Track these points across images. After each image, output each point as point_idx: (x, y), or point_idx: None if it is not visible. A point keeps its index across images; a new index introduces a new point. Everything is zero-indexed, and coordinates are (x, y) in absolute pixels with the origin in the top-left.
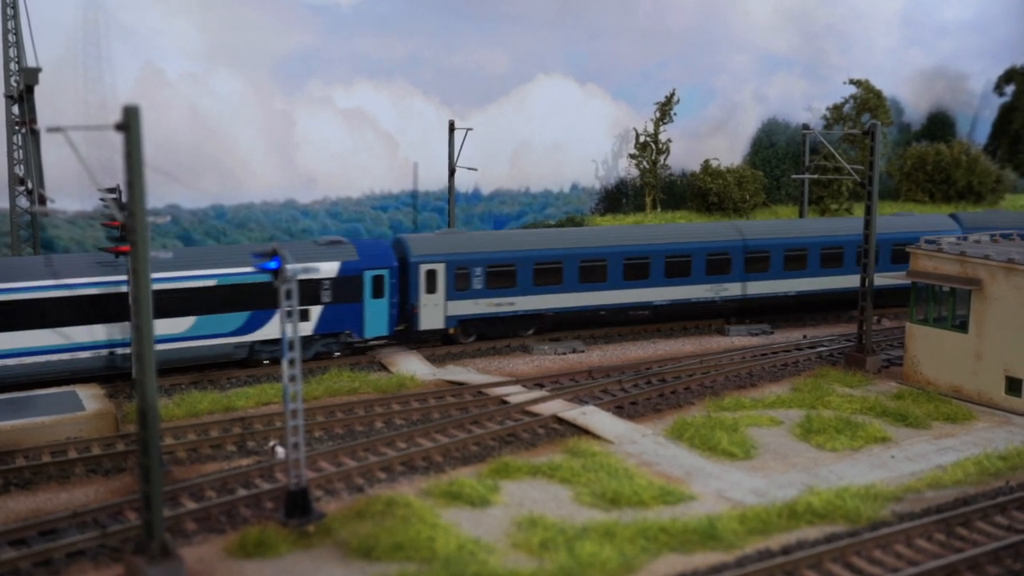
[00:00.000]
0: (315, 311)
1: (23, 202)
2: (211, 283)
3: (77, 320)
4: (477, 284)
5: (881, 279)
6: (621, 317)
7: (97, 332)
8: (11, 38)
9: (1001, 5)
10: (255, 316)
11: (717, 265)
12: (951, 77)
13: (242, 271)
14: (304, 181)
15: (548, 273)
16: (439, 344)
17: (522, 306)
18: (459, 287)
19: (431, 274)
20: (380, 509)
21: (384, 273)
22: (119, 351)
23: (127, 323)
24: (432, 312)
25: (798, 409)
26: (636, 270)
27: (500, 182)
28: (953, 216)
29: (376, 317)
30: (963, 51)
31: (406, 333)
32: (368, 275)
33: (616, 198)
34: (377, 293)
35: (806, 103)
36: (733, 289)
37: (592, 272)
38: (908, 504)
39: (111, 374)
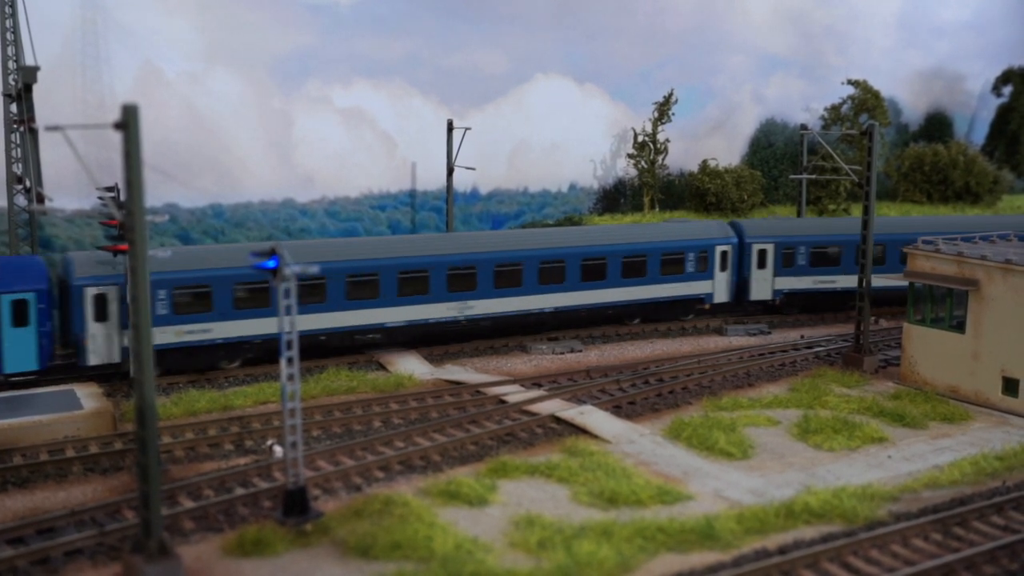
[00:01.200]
0: None
1: (21, 201)
2: None
3: None
4: (162, 309)
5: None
6: (348, 343)
7: None
8: (9, 36)
9: (998, 6)
10: None
11: (461, 280)
12: (949, 78)
13: None
14: (302, 180)
15: (253, 295)
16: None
17: (221, 333)
18: None
19: (100, 299)
20: (378, 508)
21: (29, 297)
22: None
23: None
24: (103, 344)
25: (795, 409)
26: (363, 288)
27: (498, 182)
28: (733, 224)
29: (19, 349)
30: (961, 52)
31: (75, 367)
32: (6, 299)
33: (614, 198)
34: (20, 320)
35: (804, 103)
36: (481, 307)
37: (308, 292)
38: (905, 504)
39: (108, 373)
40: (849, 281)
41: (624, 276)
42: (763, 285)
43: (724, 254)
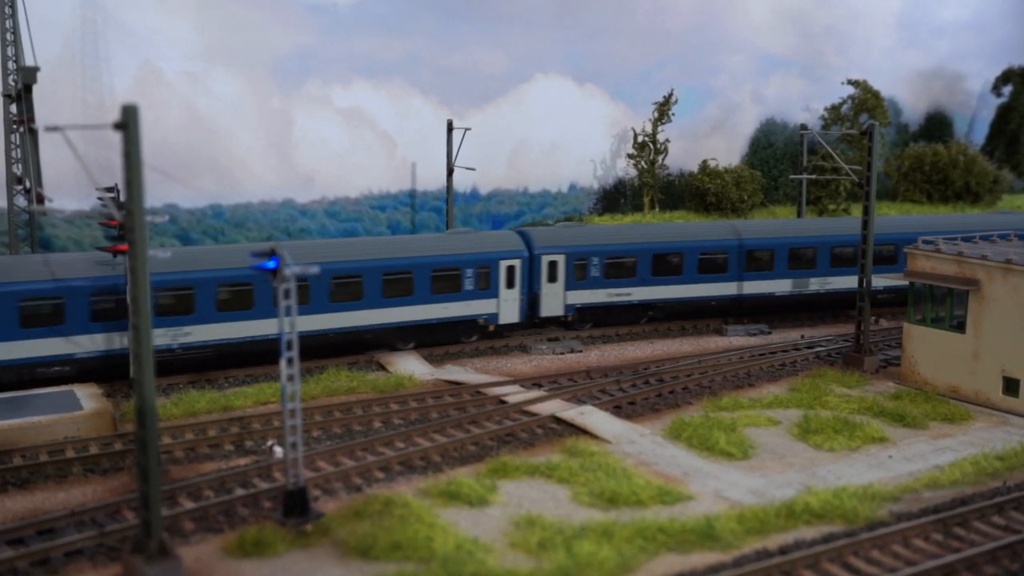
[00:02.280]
0: None
1: (21, 201)
2: None
3: None
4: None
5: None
6: (27, 377)
7: None
8: (9, 37)
9: (998, 6)
10: None
11: (175, 303)
12: (949, 78)
13: None
14: (302, 181)
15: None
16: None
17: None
18: None
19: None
20: (378, 509)
21: None
22: None
23: None
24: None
25: (796, 409)
26: (43, 315)
27: (498, 182)
28: (522, 234)
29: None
30: (961, 52)
31: None
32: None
33: (614, 198)
34: None
35: (804, 103)
36: (200, 333)
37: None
38: (905, 504)
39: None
40: (645, 293)
41: (386, 296)
42: (554, 300)
43: (511, 269)
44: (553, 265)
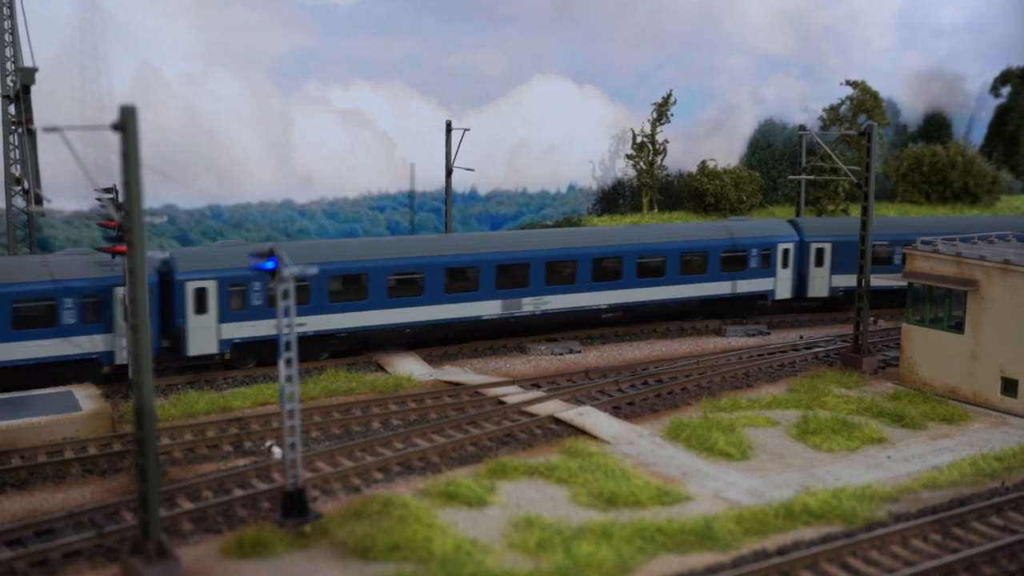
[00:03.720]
0: None
1: (20, 202)
2: None
3: None
4: None
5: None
6: None
7: None
8: (8, 38)
9: (997, 7)
10: None
11: None
12: (947, 78)
13: None
14: (301, 181)
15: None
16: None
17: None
18: None
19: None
20: (377, 509)
21: None
22: None
23: None
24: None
25: (795, 410)
26: None
27: (497, 183)
28: (168, 261)
29: None
30: (959, 53)
31: None
32: None
33: (613, 199)
34: None
35: (803, 104)
36: None
37: None
38: (904, 505)
39: (109, 375)
40: (324, 323)
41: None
42: (204, 335)
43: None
44: (201, 293)
